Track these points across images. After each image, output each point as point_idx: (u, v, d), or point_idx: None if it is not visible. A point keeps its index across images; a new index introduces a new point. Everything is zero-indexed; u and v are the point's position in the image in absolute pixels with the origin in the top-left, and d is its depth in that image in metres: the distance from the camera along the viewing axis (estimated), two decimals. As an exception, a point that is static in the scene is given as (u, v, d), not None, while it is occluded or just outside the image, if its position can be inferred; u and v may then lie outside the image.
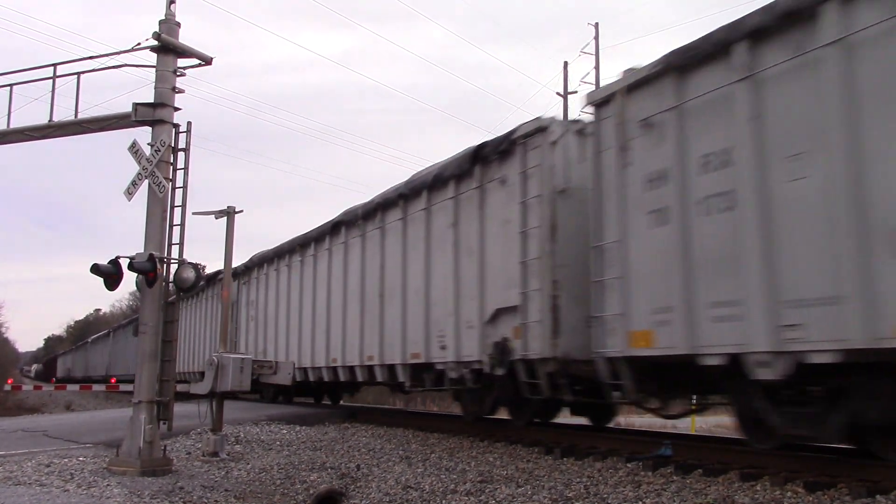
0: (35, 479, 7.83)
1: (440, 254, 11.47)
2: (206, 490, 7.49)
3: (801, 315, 6.06)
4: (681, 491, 6.26)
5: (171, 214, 8.96)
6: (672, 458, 7.53)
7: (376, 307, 13.32)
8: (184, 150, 9.09)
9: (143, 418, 8.51)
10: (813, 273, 6.03)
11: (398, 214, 12.85)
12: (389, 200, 13.16)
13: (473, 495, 6.69)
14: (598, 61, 29.33)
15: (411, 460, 8.87)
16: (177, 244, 8.96)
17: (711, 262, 6.92)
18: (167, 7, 9.12)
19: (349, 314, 14.47)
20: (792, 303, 6.15)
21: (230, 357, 10.25)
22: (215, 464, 9.27)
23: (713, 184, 6.98)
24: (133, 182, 8.93)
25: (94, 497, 7.07)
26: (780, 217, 6.34)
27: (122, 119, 9.20)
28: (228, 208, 11.05)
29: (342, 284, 14.81)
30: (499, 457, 8.81)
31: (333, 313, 15.17)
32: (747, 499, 5.84)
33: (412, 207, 12.47)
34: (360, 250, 14.16)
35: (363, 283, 13.95)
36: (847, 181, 5.83)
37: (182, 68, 9.18)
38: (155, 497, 7.11)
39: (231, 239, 11.03)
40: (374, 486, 7.43)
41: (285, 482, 7.98)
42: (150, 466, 8.37)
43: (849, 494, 5.68)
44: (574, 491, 6.54)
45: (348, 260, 14.65)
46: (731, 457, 7.36)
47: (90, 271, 8.71)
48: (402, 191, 12.75)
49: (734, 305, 6.62)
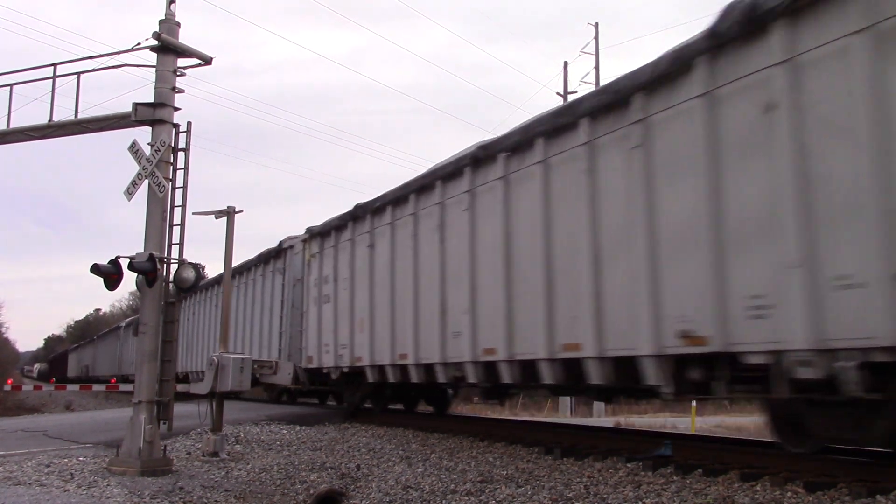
0: (35, 479, 7.84)
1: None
2: (206, 490, 7.50)
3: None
4: (681, 491, 6.26)
5: (171, 214, 8.96)
6: (672, 458, 7.53)
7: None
8: (184, 149, 9.10)
9: (143, 418, 8.52)
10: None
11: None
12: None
13: (473, 495, 6.68)
14: (598, 61, 29.35)
15: (411, 460, 8.86)
16: (177, 244, 8.98)
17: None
18: (167, 7, 9.13)
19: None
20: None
21: (230, 357, 10.27)
22: (215, 464, 9.27)
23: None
24: (133, 182, 8.94)
25: (94, 497, 7.08)
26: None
27: (122, 119, 9.21)
28: (228, 208, 11.06)
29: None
30: (499, 457, 8.81)
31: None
32: (747, 499, 5.83)
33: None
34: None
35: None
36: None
37: (182, 68, 9.20)
38: (155, 497, 7.11)
39: (231, 239, 11.04)
40: (374, 486, 7.43)
41: (285, 482, 7.98)
42: (150, 466, 8.37)
43: (849, 494, 5.67)
44: (574, 491, 6.54)
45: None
46: (731, 457, 7.36)
47: (90, 271, 8.72)
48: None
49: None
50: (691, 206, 6.63)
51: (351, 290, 13.28)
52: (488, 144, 9.77)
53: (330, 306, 14.08)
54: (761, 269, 6.02)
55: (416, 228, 11.33)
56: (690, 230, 6.62)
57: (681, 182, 6.79)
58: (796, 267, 5.72)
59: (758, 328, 6.01)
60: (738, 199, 6.25)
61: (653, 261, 7.00)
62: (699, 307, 6.49)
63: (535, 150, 8.70)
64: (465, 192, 10.03)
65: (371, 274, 12.58)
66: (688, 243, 6.64)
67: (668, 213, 6.91)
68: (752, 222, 6.12)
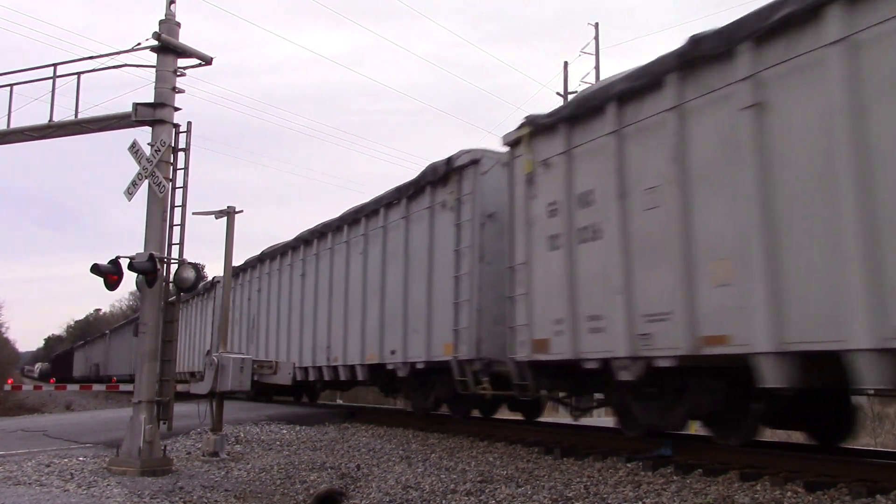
0: (35, 479, 7.84)
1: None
2: (206, 490, 7.50)
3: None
4: (681, 491, 6.26)
5: (171, 214, 8.96)
6: (672, 458, 7.53)
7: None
8: (184, 150, 9.10)
9: (143, 418, 8.52)
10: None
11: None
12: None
13: (473, 495, 6.69)
14: (598, 61, 29.33)
15: (411, 460, 8.86)
16: (177, 244, 8.97)
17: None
18: (167, 7, 9.13)
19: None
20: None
21: (230, 357, 10.26)
22: (215, 464, 9.27)
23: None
24: (133, 182, 8.94)
25: (94, 497, 7.08)
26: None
27: (122, 119, 9.21)
28: (228, 208, 11.05)
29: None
30: (499, 457, 8.81)
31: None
32: (747, 499, 5.83)
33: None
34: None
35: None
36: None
37: (182, 68, 9.20)
38: (155, 497, 7.12)
39: (231, 239, 11.04)
40: (374, 486, 7.43)
41: (285, 482, 7.98)
42: (150, 466, 8.37)
43: (849, 494, 5.68)
44: (574, 491, 6.54)
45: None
46: (731, 457, 7.35)
47: (90, 271, 8.72)
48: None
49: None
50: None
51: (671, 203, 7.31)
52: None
53: (600, 244, 8.16)
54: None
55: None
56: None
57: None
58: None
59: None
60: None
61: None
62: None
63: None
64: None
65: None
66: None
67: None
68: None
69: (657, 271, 7.35)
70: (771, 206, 6.28)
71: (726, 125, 6.74)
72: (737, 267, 6.55)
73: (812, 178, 6.02)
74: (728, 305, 6.59)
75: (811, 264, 5.96)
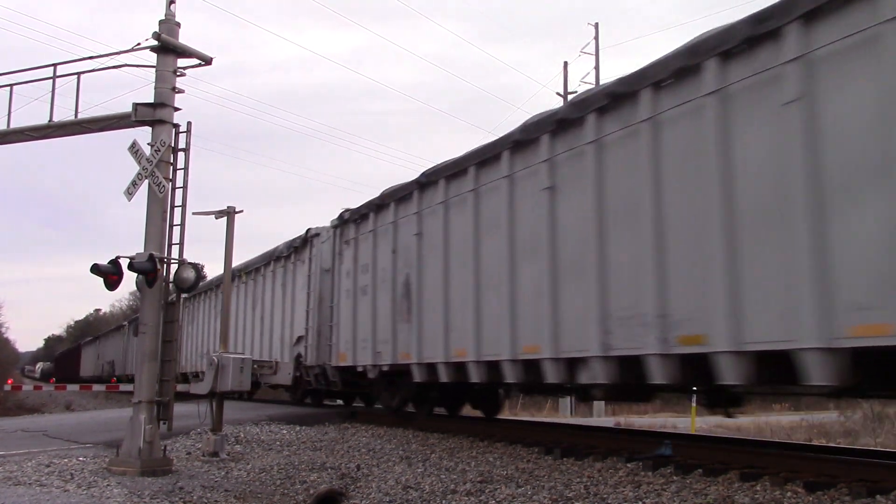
0: (35, 479, 7.84)
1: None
2: (206, 490, 7.50)
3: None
4: (681, 491, 6.26)
5: (171, 214, 8.96)
6: (672, 458, 7.53)
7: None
8: (184, 150, 9.10)
9: (143, 418, 8.52)
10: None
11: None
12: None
13: (473, 495, 6.69)
14: (598, 61, 29.31)
15: (411, 460, 8.87)
16: (177, 244, 8.97)
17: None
18: (167, 7, 9.13)
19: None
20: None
21: (230, 357, 10.27)
22: (215, 464, 9.27)
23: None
24: (133, 182, 8.94)
25: (94, 497, 7.08)
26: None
27: (122, 119, 9.21)
28: (228, 208, 11.06)
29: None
30: (499, 457, 8.81)
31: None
32: (747, 499, 5.83)
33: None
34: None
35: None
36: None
37: (182, 68, 9.19)
38: (155, 497, 7.12)
39: (231, 239, 11.04)
40: (374, 486, 7.43)
41: (285, 482, 7.98)
42: (150, 466, 8.37)
43: (849, 494, 5.67)
44: (574, 491, 6.54)
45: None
46: (731, 457, 7.36)
47: (90, 271, 8.72)
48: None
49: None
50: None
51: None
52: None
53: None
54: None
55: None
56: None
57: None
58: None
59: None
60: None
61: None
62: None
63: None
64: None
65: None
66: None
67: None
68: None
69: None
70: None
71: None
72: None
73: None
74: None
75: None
